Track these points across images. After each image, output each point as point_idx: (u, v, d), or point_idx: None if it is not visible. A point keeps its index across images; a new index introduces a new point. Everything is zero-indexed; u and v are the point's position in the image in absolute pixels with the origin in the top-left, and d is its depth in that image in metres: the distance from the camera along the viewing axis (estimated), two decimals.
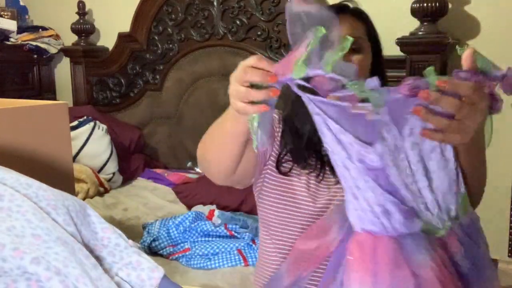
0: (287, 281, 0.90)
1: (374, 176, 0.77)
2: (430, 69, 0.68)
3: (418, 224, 0.79)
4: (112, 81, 2.79)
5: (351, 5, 1.16)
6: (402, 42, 1.90)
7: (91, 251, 0.61)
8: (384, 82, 1.10)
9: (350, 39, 0.68)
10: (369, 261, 0.77)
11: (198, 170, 2.55)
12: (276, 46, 2.32)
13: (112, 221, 1.90)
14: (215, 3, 2.44)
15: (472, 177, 0.86)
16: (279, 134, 1.13)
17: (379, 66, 1.12)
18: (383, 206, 0.77)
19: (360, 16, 1.12)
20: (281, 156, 1.11)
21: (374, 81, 0.70)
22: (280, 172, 1.10)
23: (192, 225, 1.74)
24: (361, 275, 0.77)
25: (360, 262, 0.78)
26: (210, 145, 0.99)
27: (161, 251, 1.65)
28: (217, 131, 0.97)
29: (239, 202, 2.00)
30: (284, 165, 1.10)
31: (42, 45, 2.94)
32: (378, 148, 0.75)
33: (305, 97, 0.74)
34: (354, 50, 1.03)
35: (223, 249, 1.61)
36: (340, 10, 1.10)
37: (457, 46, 0.74)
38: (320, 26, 0.68)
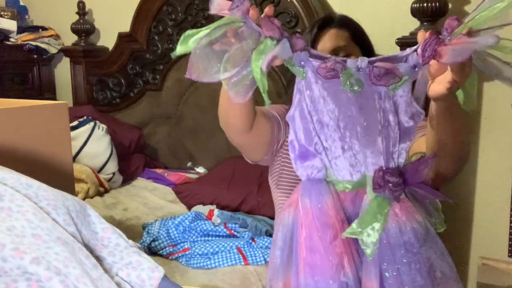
0: None
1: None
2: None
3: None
4: (112, 81, 2.79)
5: (335, 15, 1.31)
6: (402, 42, 1.90)
7: (91, 251, 0.61)
8: None
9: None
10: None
11: (198, 170, 2.55)
12: None
13: (112, 221, 1.90)
14: None
15: (449, 136, 0.93)
16: None
17: None
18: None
19: (345, 24, 1.26)
20: None
21: (302, 56, 0.83)
22: None
23: (192, 225, 1.74)
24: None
25: None
26: (226, 105, 1.10)
27: (160, 251, 1.65)
28: (225, 99, 1.09)
29: (239, 202, 2.00)
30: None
31: (42, 45, 2.94)
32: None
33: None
34: (344, 56, 1.17)
35: (222, 248, 1.61)
36: (325, 22, 1.25)
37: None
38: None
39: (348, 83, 0.80)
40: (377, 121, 0.84)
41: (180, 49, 0.79)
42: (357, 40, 1.26)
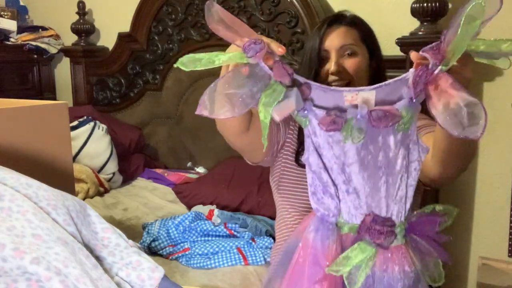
0: None
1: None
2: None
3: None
4: (112, 81, 2.79)
5: (346, 14, 1.30)
6: (402, 42, 1.90)
7: (91, 251, 0.61)
8: (384, 80, 1.20)
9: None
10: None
11: (198, 170, 2.55)
12: None
13: (112, 221, 1.90)
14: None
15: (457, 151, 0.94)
16: (296, 128, 1.22)
17: (377, 64, 1.27)
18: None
19: (354, 23, 1.27)
20: (300, 149, 1.24)
21: (307, 105, 0.83)
22: (299, 165, 1.24)
23: (192, 225, 1.74)
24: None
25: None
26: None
27: (160, 251, 1.65)
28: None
29: (239, 202, 2.00)
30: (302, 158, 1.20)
31: (42, 45, 2.94)
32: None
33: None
34: (349, 55, 1.22)
35: (222, 248, 1.61)
36: (336, 20, 1.26)
37: None
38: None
39: (350, 135, 0.80)
40: (379, 165, 0.83)
41: (181, 66, 0.79)
42: (366, 40, 1.27)
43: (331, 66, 1.20)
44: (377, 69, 1.28)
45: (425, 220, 0.85)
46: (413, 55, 0.77)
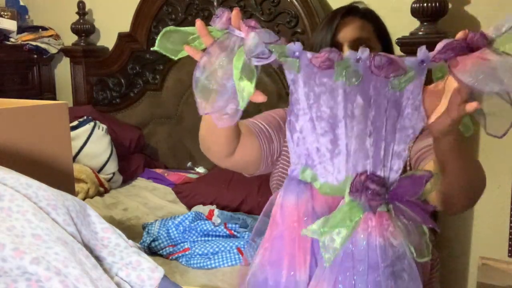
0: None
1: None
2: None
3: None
4: (112, 81, 2.79)
5: (360, 6, 1.21)
6: (402, 42, 1.90)
7: (91, 251, 0.61)
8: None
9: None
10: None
11: (198, 170, 2.55)
12: None
13: (112, 221, 1.90)
14: (215, 3, 2.44)
15: (458, 173, 0.86)
16: None
17: None
18: None
19: (369, 17, 1.18)
20: None
21: (296, 46, 0.75)
22: None
23: (192, 225, 1.74)
24: None
25: None
26: (206, 130, 1.03)
27: (161, 251, 1.65)
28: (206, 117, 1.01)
29: (239, 202, 2.00)
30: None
31: (42, 45, 2.94)
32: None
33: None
34: None
35: (222, 248, 1.61)
36: (349, 11, 1.16)
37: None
38: None
39: (343, 74, 0.73)
40: (368, 120, 0.77)
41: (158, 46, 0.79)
42: (380, 36, 1.18)
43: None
44: None
45: (407, 183, 0.78)
46: (462, 32, 0.71)
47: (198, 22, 0.77)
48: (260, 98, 0.77)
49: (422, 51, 0.72)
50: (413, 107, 0.77)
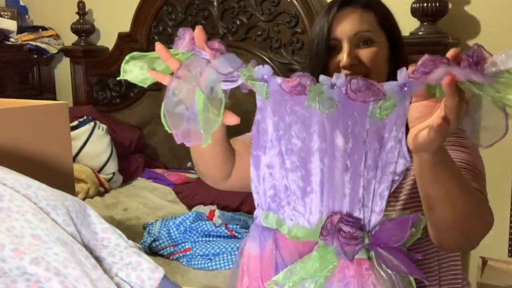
0: None
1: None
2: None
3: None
4: (112, 81, 2.79)
5: None
6: None
7: (91, 251, 0.61)
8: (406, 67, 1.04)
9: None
10: None
11: None
12: (276, 46, 2.32)
13: (112, 221, 1.90)
14: (215, 3, 2.44)
15: (443, 203, 0.73)
16: None
17: (398, 53, 1.04)
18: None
19: (370, 5, 1.03)
20: None
21: (265, 69, 0.67)
22: None
23: (193, 225, 1.74)
24: None
25: None
26: (194, 154, 0.96)
27: (161, 251, 1.65)
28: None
29: (239, 202, 2.00)
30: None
31: (42, 45, 2.94)
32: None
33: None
34: (364, 43, 0.99)
35: (224, 249, 1.61)
36: (347, 1, 1.02)
37: None
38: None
39: (316, 100, 0.64)
40: (345, 153, 0.67)
41: (124, 75, 0.74)
42: (384, 25, 1.04)
43: (343, 57, 0.96)
44: (399, 58, 1.04)
45: (390, 226, 0.68)
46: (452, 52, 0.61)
47: (158, 46, 0.74)
48: (234, 120, 0.72)
49: (402, 73, 0.62)
50: (397, 140, 0.67)
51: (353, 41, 0.99)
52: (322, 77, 0.65)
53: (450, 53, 0.61)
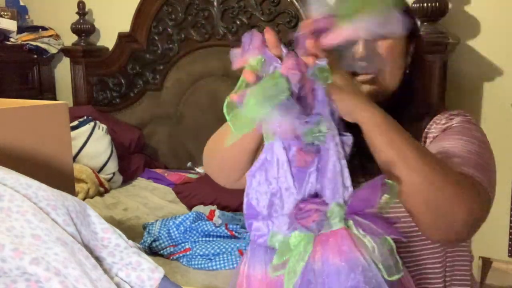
0: None
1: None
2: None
3: None
4: (112, 81, 2.79)
5: None
6: None
7: (91, 251, 0.61)
8: (419, 63, 1.04)
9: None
10: None
11: (198, 170, 2.55)
12: None
13: (112, 221, 1.90)
14: (215, 3, 2.44)
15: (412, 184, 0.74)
16: None
17: (417, 50, 1.02)
18: None
19: None
20: None
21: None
22: None
23: (193, 225, 1.74)
24: None
25: None
26: (215, 152, 0.96)
27: (161, 251, 1.64)
28: (220, 140, 0.93)
29: (239, 202, 1.99)
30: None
31: (42, 45, 2.94)
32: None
33: None
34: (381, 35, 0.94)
35: (224, 249, 1.61)
36: None
37: None
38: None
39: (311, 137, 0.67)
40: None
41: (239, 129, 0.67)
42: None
43: (359, 48, 0.91)
44: (415, 54, 1.01)
45: (362, 193, 0.70)
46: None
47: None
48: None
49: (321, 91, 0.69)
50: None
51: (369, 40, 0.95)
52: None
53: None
